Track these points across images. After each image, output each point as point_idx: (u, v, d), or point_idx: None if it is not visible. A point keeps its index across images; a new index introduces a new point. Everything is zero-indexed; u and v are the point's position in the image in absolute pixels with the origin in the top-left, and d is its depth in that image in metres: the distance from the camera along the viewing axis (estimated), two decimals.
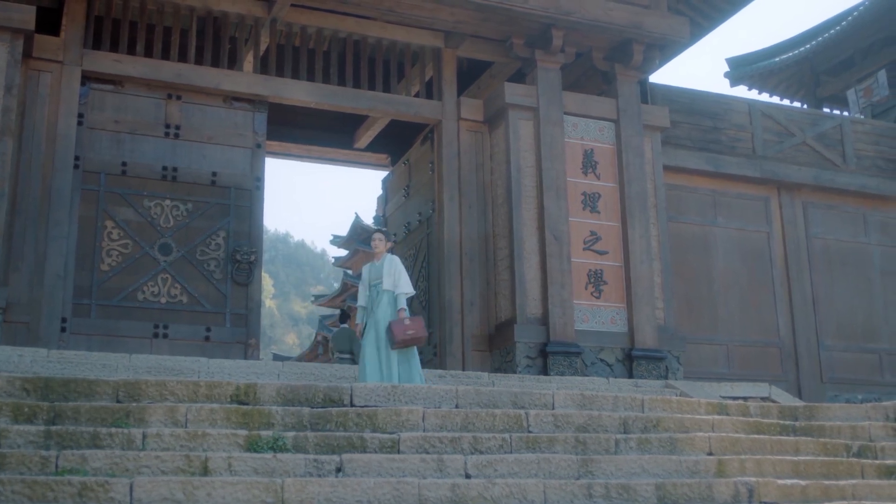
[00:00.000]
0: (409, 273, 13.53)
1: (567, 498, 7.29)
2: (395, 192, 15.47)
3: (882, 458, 9.40)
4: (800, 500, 7.91)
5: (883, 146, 16.99)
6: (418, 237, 14.03)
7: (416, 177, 14.51)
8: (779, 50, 20.88)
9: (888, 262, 16.58)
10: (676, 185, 14.91)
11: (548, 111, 13.25)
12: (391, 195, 15.61)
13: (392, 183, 15.64)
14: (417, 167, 14.44)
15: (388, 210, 15.65)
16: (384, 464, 7.29)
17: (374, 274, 10.46)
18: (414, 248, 13.99)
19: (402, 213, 14.94)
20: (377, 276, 10.41)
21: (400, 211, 15.10)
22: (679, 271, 14.49)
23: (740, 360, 14.89)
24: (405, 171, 14.99)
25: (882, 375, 15.94)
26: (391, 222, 15.33)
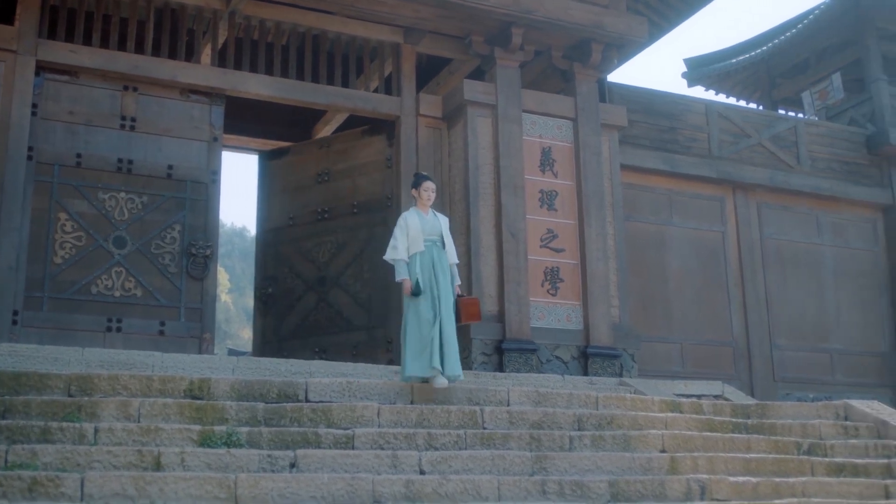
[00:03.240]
0: (357, 267, 13.52)
1: (521, 494, 7.32)
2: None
3: (832, 456, 9.53)
4: (751, 498, 8.00)
5: (836, 148, 17.20)
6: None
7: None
8: (736, 51, 21.03)
9: (840, 263, 16.79)
10: (633, 185, 15.00)
11: (506, 109, 13.27)
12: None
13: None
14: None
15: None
16: (338, 459, 7.29)
17: (428, 227, 9.49)
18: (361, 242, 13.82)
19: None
20: (433, 230, 9.51)
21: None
22: (634, 270, 14.58)
23: (694, 358, 15.01)
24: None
25: (833, 375, 16.15)
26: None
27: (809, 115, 19.23)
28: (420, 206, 9.67)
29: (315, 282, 13.63)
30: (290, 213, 14.06)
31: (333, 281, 13.50)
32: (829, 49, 19.51)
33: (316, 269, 13.70)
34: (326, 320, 13.41)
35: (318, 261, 13.72)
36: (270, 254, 14.11)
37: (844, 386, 15.98)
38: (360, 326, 13.16)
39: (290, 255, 13.92)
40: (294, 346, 13.43)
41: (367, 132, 13.91)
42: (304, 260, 13.81)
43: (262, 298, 13.90)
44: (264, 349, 13.61)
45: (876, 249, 17.19)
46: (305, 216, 13.95)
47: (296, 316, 13.70)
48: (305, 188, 14.07)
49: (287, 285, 13.80)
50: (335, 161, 14.01)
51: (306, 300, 13.70)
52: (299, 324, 13.60)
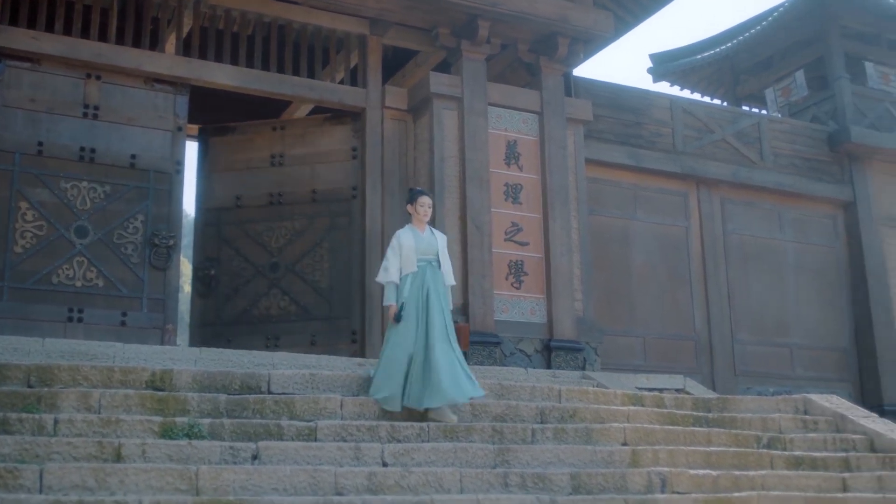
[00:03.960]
0: (316, 256, 13.37)
1: (483, 487, 7.34)
2: None
3: (791, 449, 9.62)
4: (711, 491, 8.06)
5: (799, 145, 17.35)
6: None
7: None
8: (701, 47, 21.14)
9: (801, 258, 16.95)
10: (598, 179, 15.04)
11: (472, 102, 13.27)
12: None
13: None
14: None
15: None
16: (301, 451, 7.27)
17: (423, 245, 8.92)
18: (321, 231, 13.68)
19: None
20: (429, 248, 8.95)
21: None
22: (598, 264, 14.64)
23: (656, 352, 15.11)
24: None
25: (793, 369, 16.30)
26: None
27: (773, 112, 19.38)
28: (416, 222, 9.07)
29: (267, 267, 13.36)
30: (237, 194, 13.66)
31: (288, 268, 13.31)
32: (793, 46, 19.66)
33: (268, 255, 13.41)
34: (280, 308, 13.17)
35: (269, 246, 13.43)
36: (212, 234, 13.59)
37: (804, 380, 16.15)
38: (319, 316, 13.07)
39: (236, 237, 13.51)
40: (241, 331, 13.08)
41: (330, 120, 13.79)
42: (253, 243, 13.46)
43: (202, 280, 13.36)
44: (203, 331, 13.22)
45: (836, 245, 17.37)
46: (256, 198, 13.61)
47: (243, 300, 13.34)
48: (256, 169, 13.71)
49: (232, 268, 13.39)
50: (291, 145, 13.78)
51: (256, 285, 13.37)
52: (247, 309, 13.26)
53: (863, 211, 17.40)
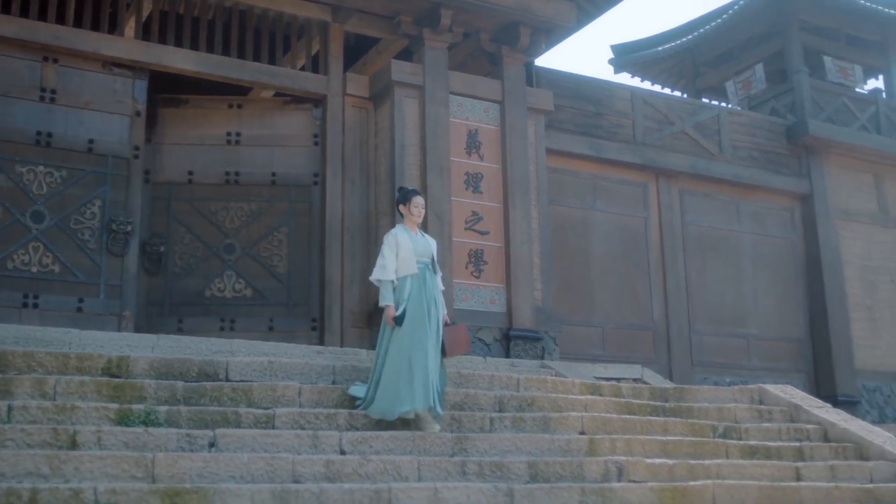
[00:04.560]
0: (275, 240, 13.22)
1: (441, 475, 7.35)
2: None
3: (746, 439, 9.73)
4: (667, 479, 8.13)
5: (758, 138, 17.50)
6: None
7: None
8: (662, 39, 21.24)
9: (759, 250, 17.10)
10: (558, 169, 15.08)
11: (434, 90, 13.26)
12: None
13: None
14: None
15: None
16: (259, 439, 7.25)
17: (420, 247, 8.59)
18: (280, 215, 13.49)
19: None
20: (425, 251, 8.61)
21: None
22: (558, 254, 14.68)
23: (615, 342, 15.19)
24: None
25: (749, 360, 16.46)
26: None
27: (732, 105, 19.52)
28: (408, 223, 8.72)
29: (221, 248, 13.00)
30: (189, 169, 13.19)
31: (245, 250, 13.03)
32: (753, 40, 19.81)
33: (222, 235, 13.06)
34: (235, 291, 12.87)
35: (224, 226, 13.08)
36: (161, 208, 13.02)
37: (760, 370, 16.32)
38: (277, 302, 12.96)
39: (187, 214, 13.04)
40: (193, 312, 12.73)
41: (290, 103, 13.57)
42: (206, 222, 13.06)
43: (151, 256, 12.75)
44: (150, 310, 12.70)
45: (793, 237, 17.55)
46: (210, 176, 13.19)
47: (195, 281, 12.91)
48: (211, 146, 13.31)
49: (183, 246, 12.95)
50: (249, 125, 13.47)
51: (209, 266, 12.98)
52: (200, 290, 12.89)
53: (819, 204, 17.58)
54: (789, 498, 8.38)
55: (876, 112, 18.84)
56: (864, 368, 17.23)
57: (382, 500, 6.68)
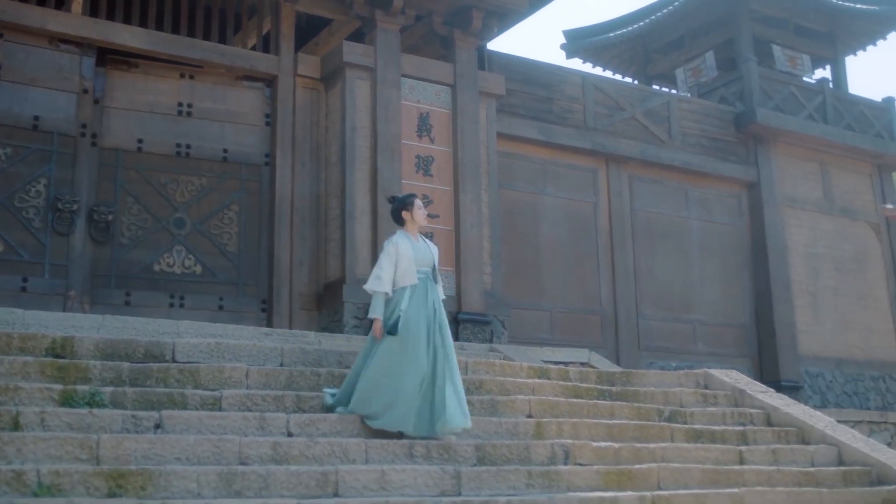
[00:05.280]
0: (226, 218, 13.05)
1: (388, 457, 7.36)
2: None
3: (691, 423, 9.84)
4: (612, 463, 8.21)
5: (707, 125, 17.65)
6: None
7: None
8: (614, 25, 21.32)
9: (706, 237, 17.27)
10: (509, 153, 15.12)
11: (385, 72, 13.21)
12: None
13: None
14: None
15: None
16: (205, 421, 7.21)
17: (420, 256, 8.15)
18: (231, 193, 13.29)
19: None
20: (426, 260, 8.19)
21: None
22: (507, 238, 14.72)
23: (563, 326, 15.28)
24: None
25: (695, 345, 16.64)
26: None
27: (682, 92, 19.67)
28: (410, 229, 8.32)
29: (171, 221, 12.67)
30: (139, 136, 12.76)
31: (195, 226, 12.77)
32: (704, 28, 19.96)
33: (172, 208, 12.71)
34: (185, 267, 12.58)
35: (174, 199, 12.74)
36: (108, 175, 12.53)
37: (706, 355, 16.51)
38: (227, 281, 12.80)
39: (136, 183, 12.60)
40: (141, 285, 12.33)
41: (242, 80, 13.29)
42: (156, 194, 12.66)
43: (98, 225, 12.23)
44: (97, 281, 12.18)
45: (740, 224, 17.75)
46: (159, 145, 12.79)
47: (143, 253, 12.49)
48: (161, 115, 12.90)
49: (132, 217, 12.50)
50: (202, 96, 13.17)
51: (158, 239, 12.61)
52: (148, 264, 12.48)
53: (766, 191, 17.79)
54: (732, 481, 8.49)
55: (823, 102, 19.08)
56: (807, 354, 17.49)
57: (329, 483, 6.68)
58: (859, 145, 18.95)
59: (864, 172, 19.45)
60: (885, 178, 19.65)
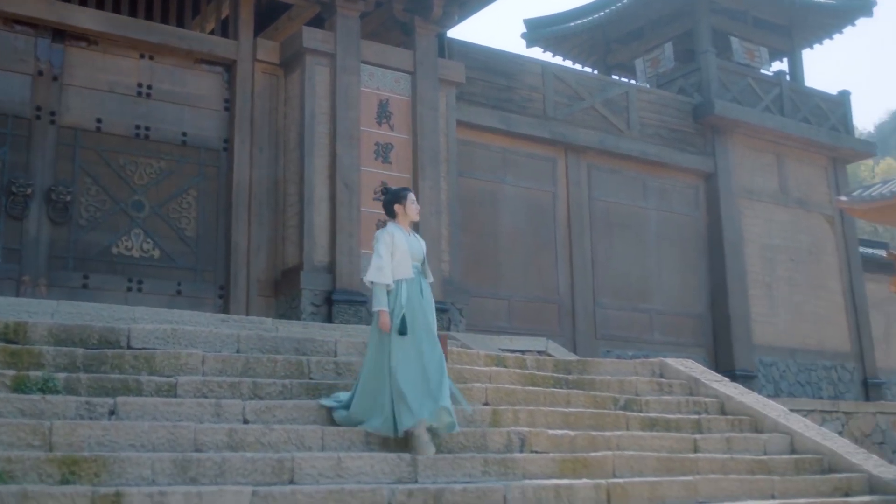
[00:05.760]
0: (184, 202, 12.94)
1: (345, 445, 7.36)
2: None
3: (646, 411, 9.90)
4: (568, 450, 8.25)
5: (665, 115, 17.75)
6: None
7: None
8: (574, 15, 21.39)
9: (663, 227, 17.39)
10: (468, 141, 15.12)
11: (345, 59, 13.16)
12: None
13: None
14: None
15: None
16: (160, 407, 7.15)
17: (414, 249, 7.94)
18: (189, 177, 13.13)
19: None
20: (418, 253, 7.97)
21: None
22: (466, 226, 14.73)
23: (521, 314, 15.33)
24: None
25: (651, 334, 16.77)
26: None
27: (641, 82, 19.76)
28: (402, 222, 8.10)
29: (129, 204, 12.51)
30: (98, 116, 12.56)
31: (154, 209, 12.65)
32: (663, 19, 20.06)
33: (130, 190, 12.56)
34: (143, 251, 12.47)
35: (133, 182, 12.60)
36: (66, 154, 12.30)
37: (662, 345, 16.64)
38: (185, 266, 12.67)
39: (94, 164, 12.41)
40: (99, 268, 12.19)
41: (201, 62, 13.16)
42: (115, 175, 12.50)
43: (56, 204, 11.99)
44: (54, 262, 11.97)
45: (697, 215, 17.89)
46: (118, 126, 12.59)
47: (102, 236, 12.32)
48: (120, 95, 12.71)
49: (90, 197, 12.31)
50: (161, 78, 13.02)
51: (117, 221, 12.45)
52: (107, 246, 12.33)
53: (723, 182, 17.93)
54: (686, 469, 8.57)
55: (780, 94, 19.26)
56: (761, 344, 17.69)
57: (285, 470, 6.66)
58: (815, 138, 19.16)
59: (820, 165, 19.68)
60: (839, 171, 19.90)
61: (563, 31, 21.27)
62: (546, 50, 21.96)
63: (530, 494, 7.15)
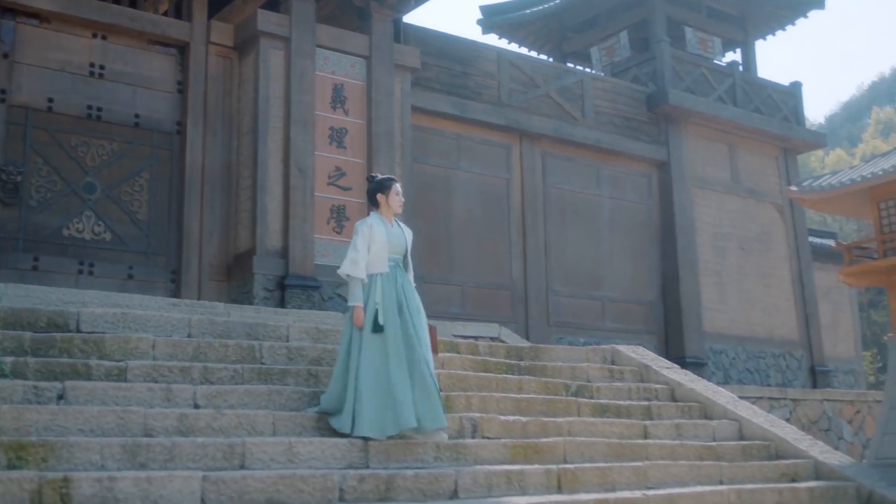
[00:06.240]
0: (136, 185, 12.81)
1: (296, 430, 7.34)
2: None
3: (597, 397, 9.98)
4: (520, 436, 8.29)
5: (619, 104, 17.84)
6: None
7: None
8: (530, 2, 21.41)
9: (616, 215, 17.49)
10: (423, 127, 15.11)
11: (300, 42, 13.08)
12: None
13: None
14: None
15: None
16: (110, 392, 7.09)
17: (394, 242, 7.74)
18: (142, 160, 12.96)
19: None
20: (399, 246, 7.78)
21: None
22: (420, 212, 14.72)
23: (474, 301, 15.36)
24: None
25: (603, 321, 16.88)
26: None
27: (596, 71, 19.83)
28: (385, 213, 7.87)
29: (81, 186, 12.32)
30: (49, 95, 12.33)
31: (106, 191, 12.45)
32: (618, 7, 20.14)
33: (82, 172, 12.35)
34: (94, 233, 12.28)
35: (85, 163, 12.39)
36: (17, 134, 12.05)
37: (613, 332, 16.75)
38: (136, 249, 12.52)
39: (46, 145, 12.18)
40: (50, 250, 11.99)
41: (154, 44, 12.97)
42: (66, 156, 12.27)
43: (7, 185, 11.79)
44: (2, 245, 11.75)
45: (650, 203, 18.01)
46: (70, 106, 12.39)
47: (52, 217, 12.12)
48: (72, 75, 12.49)
49: (41, 178, 12.09)
50: (114, 58, 12.80)
51: (68, 203, 12.25)
52: (58, 229, 12.12)
53: (676, 171, 18.07)
54: (636, 455, 8.65)
55: (733, 84, 19.42)
56: (711, 331, 17.87)
57: (236, 455, 6.63)
58: (766, 128, 19.35)
59: (771, 155, 19.88)
60: (790, 161, 20.12)
61: (518, 18, 21.28)
62: (502, 37, 21.97)
63: (482, 480, 7.18)
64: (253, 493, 6.21)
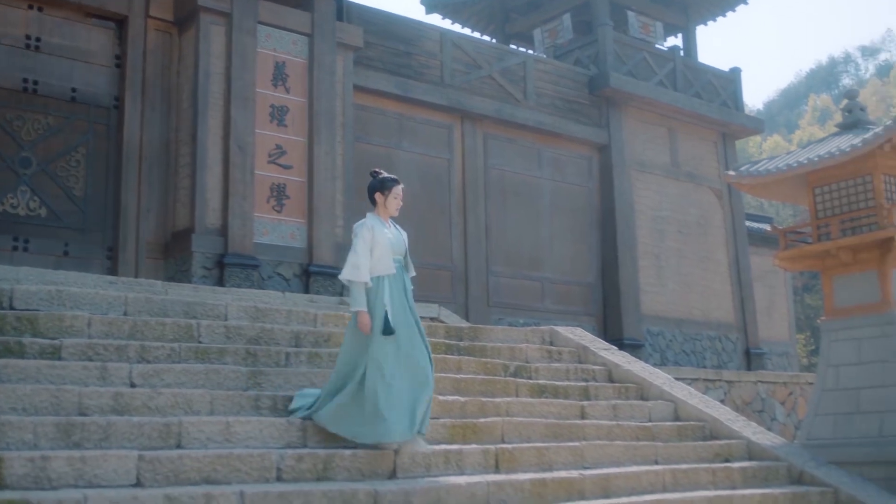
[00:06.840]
0: (73, 160, 12.54)
1: (234, 409, 7.30)
2: None
3: (536, 378, 10.04)
4: (459, 416, 8.32)
5: (561, 87, 17.90)
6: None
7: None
8: None
9: (557, 196, 17.58)
10: (365, 106, 15.05)
11: (241, 19, 12.94)
12: None
13: None
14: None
15: None
16: (43, 370, 6.99)
17: (396, 243, 7.45)
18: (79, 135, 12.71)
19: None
20: (399, 247, 7.48)
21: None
22: (361, 192, 14.60)
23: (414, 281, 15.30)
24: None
25: (543, 302, 16.97)
26: None
27: (539, 53, 19.87)
28: (382, 213, 7.52)
29: (16, 161, 12.12)
30: None
31: (41, 166, 12.27)
32: None
33: (17, 147, 12.15)
34: (29, 209, 12.10)
35: (20, 137, 12.17)
36: None
37: (553, 313, 16.86)
38: (72, 226, 12.33)
39: None
40: None
41: (92, 16, 12.70)
42: (1, 131, 12.05)
43: None
44: None
45: (590, 185, 18.12)
46: (5, 80, 12.13)
47: None
48: (6, 47, 12.23)
49: None
50: (51, 31, 12.57)
51: (3, 178, 12.03)
52: None
53: (616, 154, 18.19)
54: (574, 435, 8.72)
55: (673, 69, 19.57)
56: (649, 314, 18.05)
57: (172, 434, 6.57)
58: (706, 113, 19.55)
59: (710, 140, 20.09)
60: (728, 146, 20.35)
61: None
62: (445, 17, 21.93)
63: (420, 459, 7.20)
64: (189, 473, 6.16)
